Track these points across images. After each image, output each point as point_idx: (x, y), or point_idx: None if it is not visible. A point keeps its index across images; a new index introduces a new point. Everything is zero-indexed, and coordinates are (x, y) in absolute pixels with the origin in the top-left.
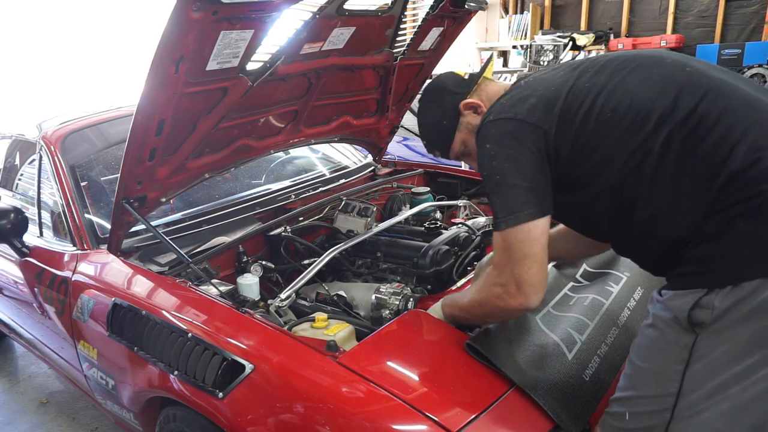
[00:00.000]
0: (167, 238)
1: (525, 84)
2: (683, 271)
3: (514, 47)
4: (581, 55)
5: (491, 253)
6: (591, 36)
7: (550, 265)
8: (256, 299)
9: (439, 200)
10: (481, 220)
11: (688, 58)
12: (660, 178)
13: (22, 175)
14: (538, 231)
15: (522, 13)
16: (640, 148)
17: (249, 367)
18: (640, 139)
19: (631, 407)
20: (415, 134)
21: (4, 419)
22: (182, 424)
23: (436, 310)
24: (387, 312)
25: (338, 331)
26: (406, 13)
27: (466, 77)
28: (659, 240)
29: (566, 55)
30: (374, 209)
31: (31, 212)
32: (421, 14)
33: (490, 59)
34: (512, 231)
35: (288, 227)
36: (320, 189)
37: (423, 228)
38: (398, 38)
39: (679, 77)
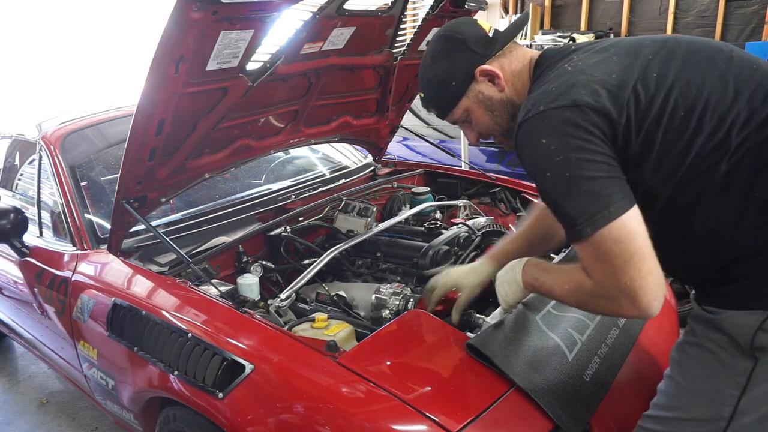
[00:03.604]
0: (167, 238)
1: (573, 68)
2: (742, 288)
3: None
4: None
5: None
6: (591, 36)
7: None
8: (256, 299)
9: (439, 200)
10: (481, 220)
11: (748, 54)
12: (729, 189)
13: (22, 175)
14: (635, 222)
15: (522, 13)
16: (711, 155)
17: (249, 367)
18: (712, 144)
19: (675, 428)
20: (416, 134)
21: (4, 419)
22: (182, 424)
23: (514, 269)
24: (387, 312)
25: (338, 331)
26: (406, 13)
27: (491, 34)
28: (717, 253)
29: None
30: (374, 209)
31: (31, 212)
32: (421, 14)
33: (526, 17)
34: (604, 232)
35: (288, 227)
36: (320, 189)
37: (423, 228)
38: (398, 38)
39: (751, 77)
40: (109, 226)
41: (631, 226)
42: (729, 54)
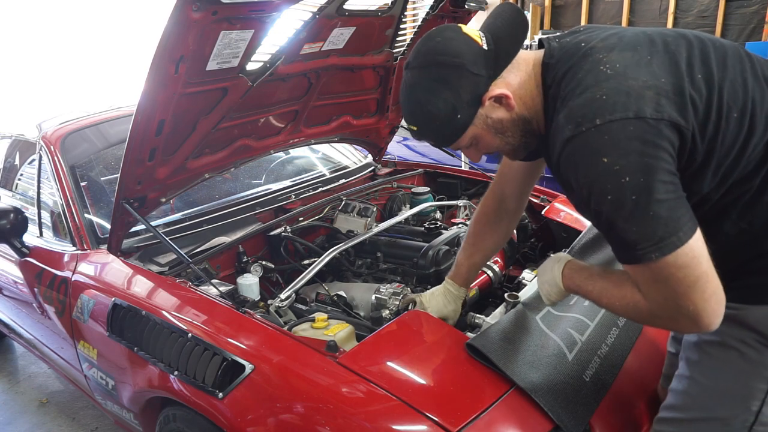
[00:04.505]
0: (167, 238)
1: (614, 71)
2: (764, 282)
3: None
4: None
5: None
6: None
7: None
8: (256, 299)
9: (439, 200)
10: None
11: (750, 51)
12: (765, 189)
13: (22, 175)
14: (700, 244)
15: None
16: (759, 154)
17: (249, 367)
18: (763, 143)
19: (701, 428)
20: None
21: (4, 419)
22: (182, 424)
23: (554, 270)
24: (387, 312)
25: (338, 331)
26: (406, 13)
27: (484, 45)
28: (743, 249)
29: None
30: (374, 209)
31: (31, 212)
32: (421, 14)
33: (520, 14)
34: (669, 259)
35: (288, 227)
36: (320, 189)
37: (423, 228)
38: (398, 38)
39: None
40: (109, 226)
41: (697, 249)
42: (744, 51)
